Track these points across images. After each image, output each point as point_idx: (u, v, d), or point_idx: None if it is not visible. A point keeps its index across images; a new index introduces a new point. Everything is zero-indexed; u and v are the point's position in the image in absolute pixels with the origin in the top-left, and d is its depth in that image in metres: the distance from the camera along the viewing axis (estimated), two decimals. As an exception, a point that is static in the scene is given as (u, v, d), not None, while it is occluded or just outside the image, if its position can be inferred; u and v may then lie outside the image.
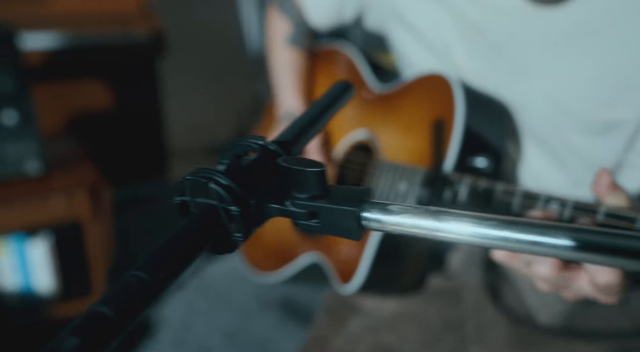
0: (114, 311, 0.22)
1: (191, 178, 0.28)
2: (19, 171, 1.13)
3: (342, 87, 0.39)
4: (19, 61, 1.05)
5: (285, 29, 0.77)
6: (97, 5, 1.88)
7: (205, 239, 0.27)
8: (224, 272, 1.72)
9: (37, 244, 1.24)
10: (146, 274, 0.24)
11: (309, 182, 0.28)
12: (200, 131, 2.77)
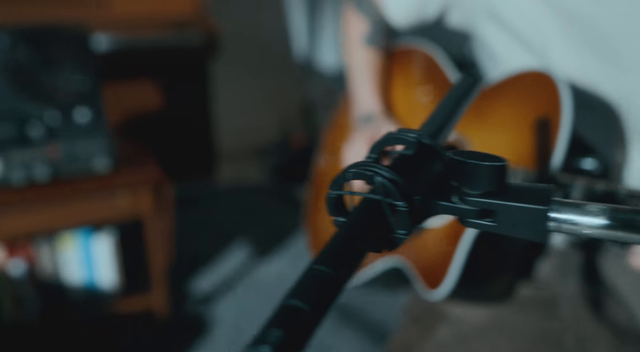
0: (309, 305, 0.21)
1: (355, 171, 0.27)
2: (89, 168, 1.15)
3: (470, 80, 0.37)
4: (92, 61, 1.07)
5: (362, 29, 0.76)
6: (154, 8, 1.91)
7: (371, 236, 0.25)
8: (275, 273, 1.72)
9: (102, 239, 1.26)
10: (329, 268, 0.22)
11: (485, 178, 0.26)
12: (247, 133, 2.79)
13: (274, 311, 0.21)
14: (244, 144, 2.77)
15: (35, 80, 1.03)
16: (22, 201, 1.07)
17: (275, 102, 2.82)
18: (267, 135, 2.82)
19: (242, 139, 2.77)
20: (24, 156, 1.07)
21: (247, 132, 2.79)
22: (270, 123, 2.84)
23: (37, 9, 1.59)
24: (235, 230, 1.97)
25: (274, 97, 2.81)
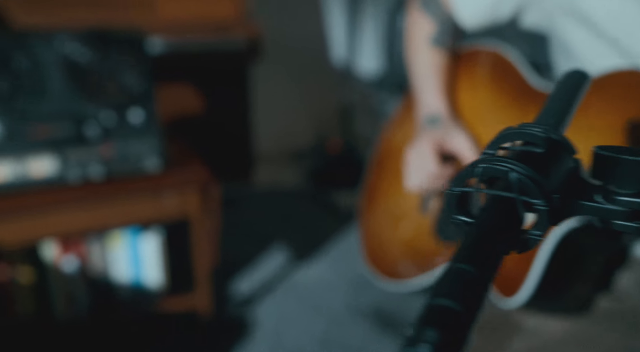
0: (461, 305, 0.20)
1: (486, 166, 0.25)
2: (140, 168, 1.17)
3: (578, 75, 0.35)
4: (147, 63, 1.09)
5: (428, 29, 0.75)
6: (200, 12, 1.94)
7: (503, 236, 0.24)
8: (314, 277, 1.71)
9: (149, 238, 1.28)
10: (472, 267, 0.21)
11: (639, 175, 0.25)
12: (284, 136, 2.79)
13: (424, 311, 0.20)
14: (280, 147, 2.78)
15: (93, 81, 1.05)
16: (77, 198, 1.09)
17: (313, 106, 2.83)
18: (304, 139, 2.83)
19: (279, 142, 2.78)
20: (80, 155, 1.10)
21: (284, 136, 2.80)
22: (307, 127, 2.84)
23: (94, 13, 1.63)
24: (272, 233, 1.98)
25: (311, 101, 2.81)
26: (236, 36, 1.94)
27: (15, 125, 1.02)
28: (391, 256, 0.81)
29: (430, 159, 0.68)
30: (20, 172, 1.06)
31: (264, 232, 1.98)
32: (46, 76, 1.02)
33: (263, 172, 2.55)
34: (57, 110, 1.04)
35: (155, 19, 1.82)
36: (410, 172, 0.71)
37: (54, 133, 1.04)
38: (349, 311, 1.55)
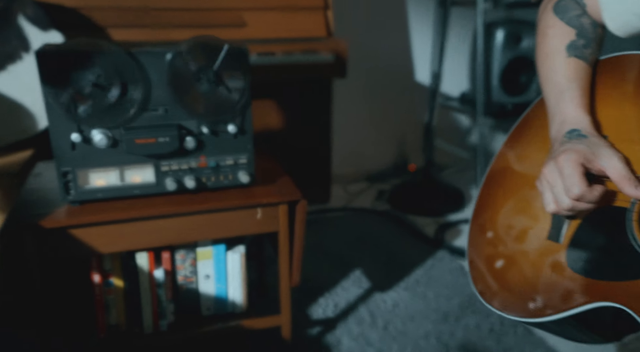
0: None
1: None
2: (232, 181, 1.16)
3: None
4: (248, 78, 1.09)
5: (565, 36, 0.68)
6: (286, 29, 1.96)
7: None
8: (391, 303, 1.63)
9: (234, 253, 1.26)
10: None
11: None
12: (362, 155, 2.76)
13: None
14: (358, 167, 2.74)
15: (195, 95, 1.06)
16: (171, 209, 1.10)
17: (392, 125, 2.78)
18: (383, 159, 2.78)
19: (357, 161, 2.74)
20: (177, 167, 1.10)
21: (362, 155, 2.76)
22: (386, 147, 2.79)
23: (190, 33, 1.68)
24: (349, 255, 1.92)
25: (391, 119, 2.76)
26: (324, 54, 1.94)
27: (119, 135, 1.05)
28: (508, 287, 0.73)
29: (575, 179, 0.61)
30: (121, 180, 1.08)
31: (341, 254, 1.93)
32: (152, 89, 1.04)
33: (339, 192, 2.52)
34: (159, 122, 1.06)
35: (244, 37, 1.85)
36: (550, 194, 0.64)
37: (155, 144, 1.05)
38: (435, 341, 1.46)
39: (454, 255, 1.92)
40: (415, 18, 2.63)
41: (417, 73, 2.74)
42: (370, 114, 2.70)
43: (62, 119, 1.01)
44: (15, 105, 1.53)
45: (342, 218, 2.24)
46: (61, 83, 0.97)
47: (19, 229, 1.02)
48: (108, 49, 0.98)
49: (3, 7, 1.45)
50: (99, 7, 1.68)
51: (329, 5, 2.05)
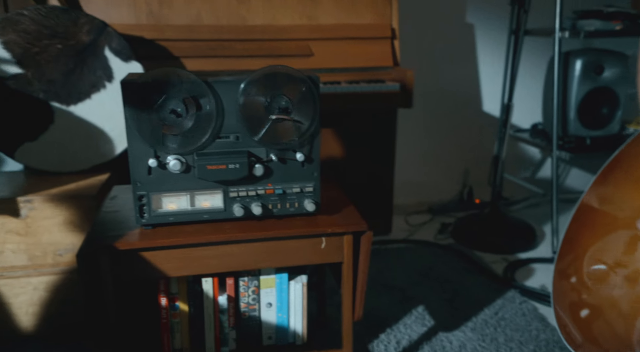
0: None
1: None
2: (298, 209, 1.16)
3: None
4: (318, 106, 1.09)
5: None
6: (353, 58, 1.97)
7: None
8: (457, 344, 1.55)
9: (297, 283, 1.25)
10: None
11: None
12: (424, 188, 2.70)
13: None
14: (420, 197, 2.68)
15: (265, 122, 1.07)
16: (238, 236, 1.10)
17: (457, 156, 2.71)
18: (446, 191, 2.71)
19: (419, 192, 2.69)
20: (245, 193, 1.12)
21: (425, 186, 2.70)
22: (450, 178, 2.72)
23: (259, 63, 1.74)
24: (410, 289, 1.86)
25: (456, 151, 2.70)
26: (387, 82, 1.93)
27: (192, 161, 1.07)
28: (595, 341, 0.67)
29: None
30: (191, 205, 1.10)
31: (402, 288, 1.87)
32: (225, 117, 1.06)
33: (400, 223, 2.46)
34: (230, 149, 1.08)
35: (312, 66, 1.88)
36: None
37: (225, 170, 1.07)
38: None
39: (525, 296, 1.81)
40: (485, 47, 2.58)
41: (485, 103, 2.67)
42: (434, 144, 2.65)
43: (140, 144, 1.05)
44: (97, 131, 1.62)
45: (404, 250, 2.18)
46: (142, 110, 1.01)
47: (95, 250, 1.05)
48: (186, 78, 1.02)
49: (92, 40, 1.55)
50: (175, 39, 1.77)
51: (396, 35, 2.06)
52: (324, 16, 1.96)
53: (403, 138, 2.55)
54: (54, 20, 1.54)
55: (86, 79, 1.59)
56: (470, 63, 2.60)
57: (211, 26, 1.82)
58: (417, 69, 2.47)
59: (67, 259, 1.51)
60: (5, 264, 1.47)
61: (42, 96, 1.57)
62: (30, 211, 1.45)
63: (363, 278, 1.21)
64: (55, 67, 1.57)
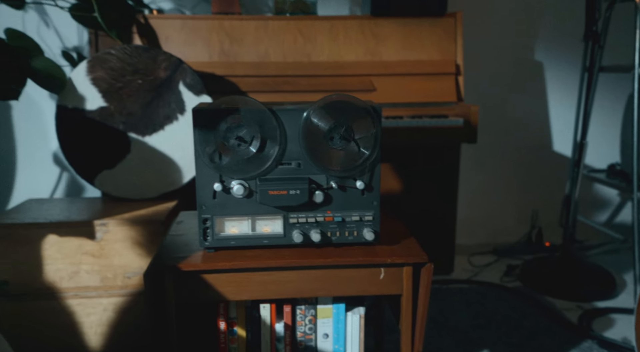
0: None
1: None
2: (357, 238, 1.15)
3: None
4: (380, 136, 1.10)
5: None
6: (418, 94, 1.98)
7: None
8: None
9: (355, 315, 1.23)
10: None
11: None
12: (488, 228, 2.60)
13: None
14: (484, 238, 2.59)
15: (328, 151, 1.09)
16: (296, 261, 1.11)
17: (525, 196, 2.60)
18: (512, 232, 2.59)
19: (483, 232, 2.59)
20: (305, 219, 1.13)
21: (489, 226, 2.61)
22: (517, 219, 2.61)
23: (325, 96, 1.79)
24: (474, 332, 1.77)
25: (524, 190, 2.60)
26: (450, 117, 1.92)
27: (255, 186, 1.10)
28: None
29: None
30: (252, 230, 1.13)
31: (465, 330, 1.78)
32: (288, 144, 1.09)
33: (463, 263, 2.38)
34: (292, 175, 1.10)
35: (375, 99, 1.91)
36: None
37: (286, 196, 1.09)
38: None
39: (604, 348, 1.67)
40: (555, 84, 2.51)
41: (556, 142, 2.57)
42: (500, 182, 2.57)
43: (207, 169, 1.09)
44: (167, 160, 1.71)
45: (467, 291, 2.09)
46: (209, 136, 1.06)
47: (160, 270, 1.09)
48: (252, 106, 1.07)
49: (169, 76, 1.66)
50: (244, 75, 1.86)
51: (461, 71, 2.05)
52: (387, 53, 2.00)
53: (466, 175, 2.49)
54: (137, 58, 1.67)
55: (161, 111, 1.69)
56: (540, 100, 2.53)
57: (278, 63, 1.90)
58: (483, 105, 2.43)
59: (135, 281, 1.57)
60: (80, 284, 1.55)
61: (121, 127, 1.69)
62: (105, 234, 1.54)
63: (423, 312, 1.17)
64: (135, 101, 1.69)
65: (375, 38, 2.00)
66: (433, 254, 2.19)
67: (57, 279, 1.54)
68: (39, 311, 1.55)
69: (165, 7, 2.23)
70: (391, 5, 2.00)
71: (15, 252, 1.51)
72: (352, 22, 1.98)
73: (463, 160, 2.42)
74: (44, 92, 2.21)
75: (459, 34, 2.06)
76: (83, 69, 1.67)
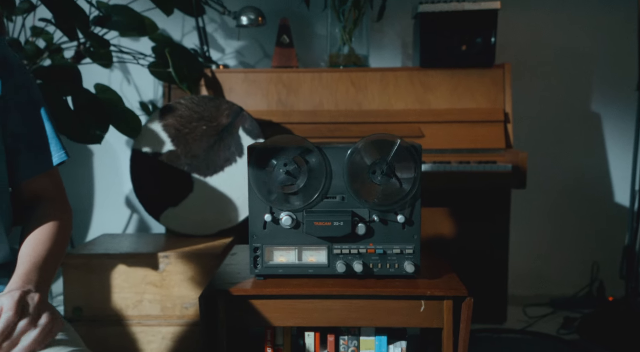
0: None
1: None
2: (397, 270, 1.20)
3: None
4: (419, 172, 1.17)
5: None
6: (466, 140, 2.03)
7: None
8: None
9: (397, 348, 1.25)
10: None
11: None
12: (543, 280, 2.53)
13: None
14: (540, 290, 2.51)
15: (370, 186, 1.17)
16: (339, 290, 1.17)
17: (583, 246, 2.53)
18: (570, 284, 2.50)
19: (538, 284, 2.52)
20: (348, 251, 1.20)
21: (545, 278, 2.53)
22: (575, 270, 2.52)
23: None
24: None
25: (581, 240, 2.52)
26: (497, 162, 1.95)
27: (301, 217, 1.19)
28: None
29: None
30: (298, 259, 1.21)
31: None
32: (333, 179, 1.18)
33: (517, 313, 2.31)
34: (336, 208, 1.19)
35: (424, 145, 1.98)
36: None
37: (330, 227, 1.17)
38: None
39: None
40: (612, 133, 2.48)
41: (616, 191, 2.51)
42: (556, 232, 2.51)
43: (259, 201, 1.20)
44: (225, 199, 1.84)
45: (520, 341, 2.03)
46: (262, 170, 1.18)
47: (213, 294, 1.19)
48: (301, 143, 1.17)
49: (230, 122, 1.83)
50: (299, 122, 2.00)
51: (509, 119, 2.10)
52: (436, 101, 2.08)
53: (521, 224, 2.46)
54: (203, 107, 1.86)
55: (222, 154, 1.85)
56: (596, 149, 2.50)
57: (331, 111, 2.04)
58: (537, 153, 2.43)
59: (192, 312, 1.67)
60: (143, 313, 1.67)
61: (186, 169, 1.86)
62: (167, 265, 1.66)
63: (464, 348, 1.18)
64: (199, 145, 1.86)
65: (424, 87, 2.09)
66: (484, 301, 2.16)
67: (123, 307, 1.67)
68: (107, 337, 1.67)
69: (231, 63, 2.45)
70: (439, 57, 2.11)
71: (89, 281, 1.66)
72: (402, 73, 2.10)
73: (518, 209, 2.40)
74: (121, 141, 2.46)
75: (507, 83, 2.12)
76: (156, 117, 1.87)
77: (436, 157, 2.00)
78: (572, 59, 2.46)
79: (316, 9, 2.30)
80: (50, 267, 0.89)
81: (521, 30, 2.45)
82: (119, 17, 1.87)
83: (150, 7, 2.07)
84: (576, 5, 2.43)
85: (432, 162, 1.94)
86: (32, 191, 0.97)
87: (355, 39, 2.19)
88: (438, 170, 1.89)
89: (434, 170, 1.89)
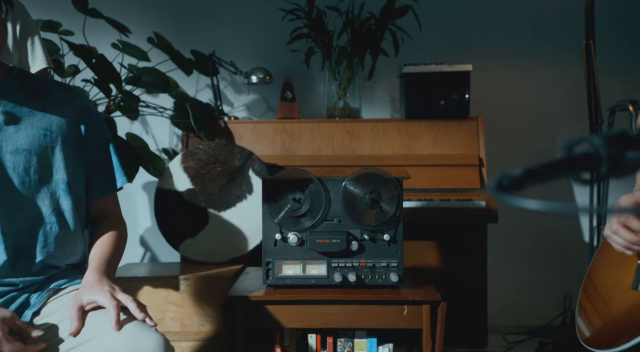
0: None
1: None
2: (384, 280, 1.46)
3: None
4: (401, 202, 1.46)
5: None
6: (446, 181, 2.33)
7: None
8: None
9: (385, 348, 1.49)
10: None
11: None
12: (520, 310, 2.76)
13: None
14: (514, 321, 2.73)
15: (361, 210, 1.46)
16: (337, 297, 1.43)
17: (557, 278, 2.78)
18: (543, 315, 2.73)
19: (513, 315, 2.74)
20: (344, 264, 1.46)
21: (519, 309, 2.76)
22: (551, 302, 2.76)
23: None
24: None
25: (556, 272, 2.78)
26: (473, 200, 2.23)
27: (306, 236, 1.47)
28: (606, 330, 0.88)
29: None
30: (303, 272, 1.47)
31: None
32: (331, 205, 1.47)
33: (498, 340, 2.53)
34: (334, 229, 1.47)
35: (409, 186, 2.28)
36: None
37: (329, 244, 1.44)
38: None
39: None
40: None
41: (583, 228, 2.79)
42: (532, 265, 2.77)
43: (271, 223, 1.48)
44: (237, 231, 2.12)
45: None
46: (273, 198, 1.46)
47: (233, 300, 1.44)
48: (305, 176, 1.47)
49: (241, 164, 2.13)
50: (300, 165, 2.30)
51: (484, 163, 2.41)
52: (420, 147, 2.40)
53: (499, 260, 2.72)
54: (218, 151, 2.16)
55: (234, 192, 2.14)
56: (564, 187, 2.81)
57: (328, 155, 2.35)
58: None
59: (207, 328, 1.90)
60: (165, 329, 1.90)
61: (203, 205, 2.14)
62: (187, 287, 1.91)
63: (440, 344, 1.43)
64: (215, 184, 2.15)
65: (409, 135, 2.42)
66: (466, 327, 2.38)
67: (145, 324, 1.90)
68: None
69: (240, 115, 2.79)
70: (422, 110, 2.45)
71: (116, 300, 1.90)
72: (390, 123, 2.43)
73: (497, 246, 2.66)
74: (138, 184, 2.74)
75: (481, 133, 2.45)
76: (178, 160, 2.17)
77: (420, 195, 2.29)
78: (535, 111, 2.82)
79: (315, 68, 2.66)
80: (114, 263, 1.16)
81: (492, 88, 2.81)
82: (148, 77, 2.21)
83: (172, 68, 2.42)
84: (539, 67, 2.81)
85: (417, 199, 2.23)
86: (98, 208, 1.25)
87: (349, 95, 2.54)
88: (422, 206, 2.18)
89: (419, 207, 2.18)
